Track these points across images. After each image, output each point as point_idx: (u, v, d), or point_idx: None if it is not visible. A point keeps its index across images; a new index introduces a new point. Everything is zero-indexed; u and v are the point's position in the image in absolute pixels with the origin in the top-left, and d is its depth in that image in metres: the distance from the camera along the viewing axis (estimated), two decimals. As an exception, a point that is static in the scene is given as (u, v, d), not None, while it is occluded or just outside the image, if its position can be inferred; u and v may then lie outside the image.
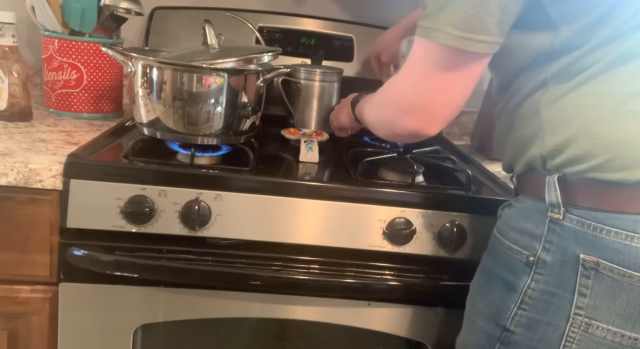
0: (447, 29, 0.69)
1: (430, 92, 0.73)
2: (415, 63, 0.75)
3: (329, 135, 1.22)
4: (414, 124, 0.76)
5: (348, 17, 1.45)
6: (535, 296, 0.71)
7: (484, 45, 0.69)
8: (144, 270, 0.89)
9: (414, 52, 0.75)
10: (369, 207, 0.93)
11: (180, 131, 0.98)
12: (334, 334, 1.02)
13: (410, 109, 0.75)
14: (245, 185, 0.91)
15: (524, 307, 0.72)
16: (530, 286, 0.71)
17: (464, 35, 0.68)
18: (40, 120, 1.18)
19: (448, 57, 0.71)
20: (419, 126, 0.76)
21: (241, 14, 1.24)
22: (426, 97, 0.74)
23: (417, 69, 0.75)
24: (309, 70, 1.25)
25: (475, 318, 0.80)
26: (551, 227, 0.70)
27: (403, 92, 0.77)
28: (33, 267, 0.92)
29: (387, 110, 0.81)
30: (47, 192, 0.90)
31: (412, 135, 0.78)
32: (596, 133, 0.67)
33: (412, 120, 0.76)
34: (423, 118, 0.75)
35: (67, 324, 0.94)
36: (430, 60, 0.72)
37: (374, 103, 0.89)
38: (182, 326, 0.98)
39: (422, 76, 0.74)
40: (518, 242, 0.73)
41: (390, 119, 0.80)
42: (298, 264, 0.94)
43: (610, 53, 0.67)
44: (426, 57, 0.73)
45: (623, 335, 0.66)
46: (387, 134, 0.84)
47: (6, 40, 1.11)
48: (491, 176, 1.10)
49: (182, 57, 1.01)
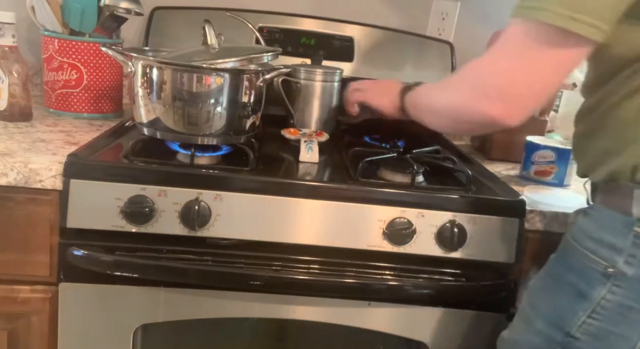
0: (554, 8, 0.63)
1: (524, 76, 0.67)
2: (511, 45, 0.68)
3: (329, 135, 1.21)
4: (498, 110, 0.69)
5: (348, 17, 1.45)
6: (610, 307, 0.70)
7: (594, 31, 0.63)
8: (144, 270, 0.89)
9: (510, 33, 0.69)
10: (369, 207, 0.93)
11: (180, 131, 0.98)
12: (334, 334, 1.02)
13: (498, 93, 0.69)
14: (245, 185, 0.91)
15: (595, 317, 0.71)
16: (606, 297, 0.70)
17: (574, 15, 0.63)
18: (40, 120, 1.18)
19: (552, 39, 0.65)
20: (502, 114, 0.69)
21: (241, 14, 1.24)
22: (519, 81, 0.68)
23: (513, 51, 0.68)
24: (309, 70, 1.25)
25: (533, 319, 0.79)
26: (636, 242, 0.68)
27: (492, 75, 0.70)
28: (33, 267, 0.92)
29: (465, 93, 0.74)
30: (47, 192, 0.90)
31: (489, 123, 0.71)
32: None
33: (496, 106, 0.69)
34: (509, 105, 0.69)
35: (67, 324, 0.94)
36: (530, 42, 0.66)
37: (446, 87, 0.81)
38: (182, 326, 0.98)
39: (518, 58, 0.68)
40: (596, 253, 0.71)
41: (467, 103, 0.73)
42: (298, 264, 0.94)
43: None
44: (525, 39, 0.67)
45: None
46: (454, 122, 0.77)
47: (6, 40, 1.11)
48: (491, 176, 1.10)
49: (182, 57, 1.01)
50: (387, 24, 1.46)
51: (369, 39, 1.43)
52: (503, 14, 1.51)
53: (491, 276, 0.96)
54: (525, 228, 0.96)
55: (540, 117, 1.31)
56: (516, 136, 1.12)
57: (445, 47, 1.46)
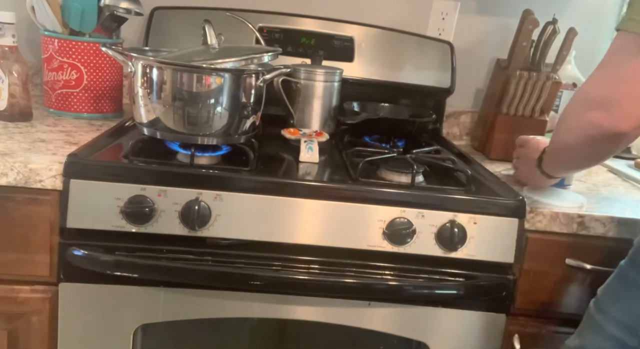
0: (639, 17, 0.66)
1: (620, 85, 0.69)
2: (610, 56, 0.71)
3: (329, 135, 1.22)
4: (603, 119, 0.71)
5: (348, 17, 1.45)
6: None
7: None
8: (144, 270, 0.89)
9: (611, 45, 0.72)
10: (369, 207, 0.93)
11: (180, 131, 0.98)
12: (334, 334, 1.02)
13: (599, 103, 0.71)
14: (245, 185, 0.91)
15: None
16: None
17: None
18: (40, 120, 1.18)
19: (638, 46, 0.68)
20: (609, 122, 0.71)
21: (241, 14, 1.24)
22: (617, 91, 0.70)
23: (611, 61, 0.71)
24: (309, 70, 1.25)
25: (605, 325, 0.79)
26: None
27: (593, 87, 0.73)
28: (33, 267, 0.92)
29: (576, 109, 0.76)
30: (47, 192, 0.90)
31: (603, 133, 0.72)
32: None
33: (599, 116, 0.71)
34: (611, 114, 0.70)
35: (67, 324, 0.94)
36: (624, 52, 0.69)
37: (562, 118, 0.82)
38: (182, 326, 0.98)
39: (614, 68, 0.70)
40: None
41: (579, 119, 0.75)
42: (298, 264, 0.94)
43: None
44: (620, 49, 0.70)
45: None
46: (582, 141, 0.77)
47: (6, 40, 1.11)
48: (491, 176, 1.10)
49: (182, 57, 1.01)
50: (387, 24, 1.46)
51: (369, 39, 1.44)
52: (503, 13, 1.52)
53: (491, 276, 0.96)
54: (525, 228, 0.97)
55: (540, 117, 1.32)
56: (516, 135, 1.12)
57: (445, 47, 1.46)
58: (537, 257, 0.98)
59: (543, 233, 0.98)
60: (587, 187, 1.16)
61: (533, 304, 1.00)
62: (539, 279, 0.99)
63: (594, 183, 1.20)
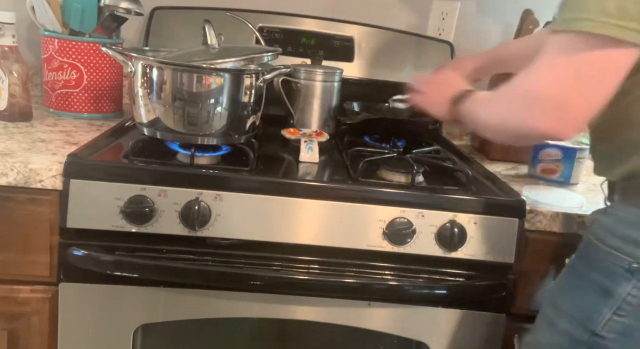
0: (598, 17, 0.63)
1: (575, 89, 0.67)
2: (556, 56, 0.68)
3: (329, 135, 1.22)
4: (551, 125, 0.69)
5: (348, 17, 1.45)
6: (636, 304, 0.70)
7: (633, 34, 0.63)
8: (144, 270, 0.89)
9: (553, 45, 0.69)
10: (369, 207, 0.93)
11: (180, 131, 0.98)
12: (334, 334, 1.02)
13: (552, 107, 0.68)
14: (245, 185, 0.91)
15: (622, 313, 0.71)
16: (632, 293, 0.70)
17: (619, 23, 0.63)
18: (40, 120, 1.18)
19: (598, 48, 0.65)
20: (555, 128, 0.69)
21: (241, 14, 1.24)
22: (571, 95, 0.67)
23: (559, 63, 0.68)
24: (309, 70, 1.25)
25: (557, 320, 0.79)
26: None
27: (542, 89, 0.69)
28: (33, 267, 0.92)
29: (519, 107, 0.73)
30: (47, 192, 0.90)
31: (543, 137, 0.72)
32: None
33: (549, 120, 0.69)
34: (562, 119, 0.68)
35: (67, 324, 0.94)
36: (575, 53, 0.66)
37: (500, 100, 0.80)
38: (182, 326, 0.98)
39: (566, 70, 0.67)
40: (620, 249, 0.72)
41: (522, 118, 0.72)
42: (298, 264, 0.94)
43: None
44: (569, 50, 0.67)
45: None
46: (511, 136, 0.77)
47: (6, 40, 1.11)
48: (491, 176, 1.10)
49: (182, 57, 1.01)
50: (387, 24, 1.46)
51: (369, 39, 1.44)
52: (502, 13, 1.51)
53: (491, 276, 0.96)
54: (525, 228, 0.96)
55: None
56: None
57: (445, 47, 1.46)
58: (537, 257, 0.98)
59: (543, 233, 0.98)
60: (587, 187, 1.16)
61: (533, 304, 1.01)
62: (539, 280, 0.99)
63: (594, 183, 1.20)
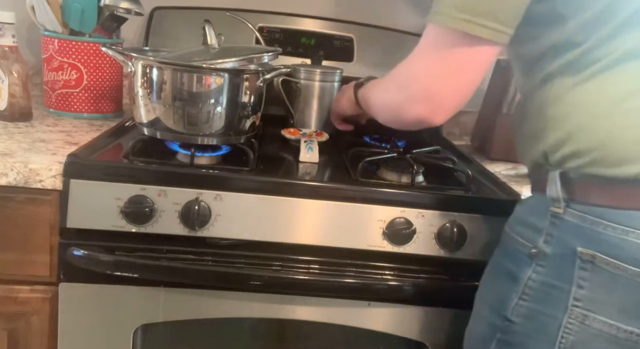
0: (450, 12, 0.70)
1: (441, 78, 0.73)
2: (425, 48, 0.75)
3: (329, 135, 1.21)
4: (422, 111, 0.75)
5: (348, 17, 1.45)
6: (535, 287, 0.72)
7: (489, 31, 0.69)
8: (144, 270, 0.89)
9: (424, 37, 0.75)
10: (369, 207, 0.93)
11: (180, 131, 0.98)
12: (334, 334, 1.02)
13: (421, 95, 0.75)
14: (245, 185, 0.91)
15: (525, 298, 0.73)
16: (532, 278, 0.73)
17: (470, 18, 0.68)
18: (40, 120, 1.18)
19: (454, 41, 0.71)
20: (426, 114, 0.75)
21: (241, 14, 1.24)
22: (437, 84, 0.74)
23: (427, 54, 0.75)
24: (309, 70, 1.25)
25: (481, 309, 0.82)
26: (553, 221, 0.72)
27: (414, 77, 0.76)
28: (33, 267, 0.92)
29: (396, 94, 0.80)
30: (47, 192, 0.90)
31: (417, 123, 0.77)
32: (593, 129, 0.69)
33: (420, 107, 0.75)
34: (432, 105, 0.75)
35: (67, 324, 0.94)
36: (439, 45, 0.72)
37: (381, 86, 0.88)
38: (182, 326, 0.98)
39: (432, 61, 0.74)
40: (523, 235, 0.75)
41: (398, 104, 0.79)
42: (298, 264, 0.94)
43: (612, 51, 0.68)
44: (435, 42, 0.73)
45: (619, 328, 0.68)
46: (391, 119, 0.83)
47: (6, 40, 1.11)
48: (491, 176, 1.10)
49: (182, 57, 1.01)
50: (387, 24, 1.46)
51: (369, 39, 1.43)
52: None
53: (491, 276, 0.96)
54: (525, 228, 0.96)
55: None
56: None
57: (445, 47, 1.46)
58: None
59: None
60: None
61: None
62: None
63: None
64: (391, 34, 1.45)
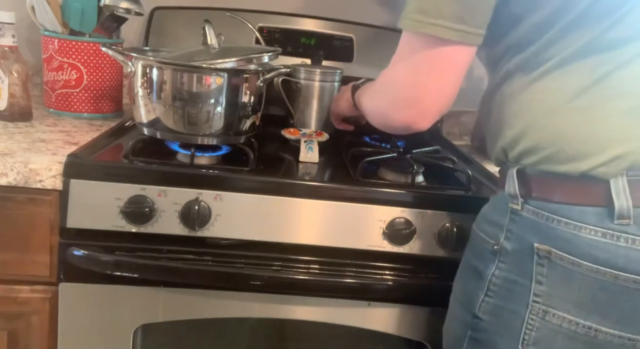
0: (417, 16, 0.70)
1: (420, 83, 0.74)
2: (402, 54, 0.75)
3: (329, 135, 1.21)
4: (407, 116, 0.76)
5: (348, 17, 1.45)
6: (499, 284, 0.73)
7: (457, 34, 0.69)
8: (144, 270, 0.89)
9: (400, 43, 0.76)
10: (369, 207, 0.93)
11: (180, 131, 0.98)
12: (334, 334, 1.02)
13: (403, 101, 0.76)
14: (245, 185, 0.91)
15: (490, 294, 0.74)
16: (495, 274, 0.73)
17: (433, 21, 0.69)
18: (40, 120, 1.18)
19: (426, 45, 0.71)
20: (412, 119, 0.76)
21: (241, 14, 1.24)
22: (417, 88, 0.74)
23: (404, 59, 0.75)
24: (309, 70, 1.25)
25: (454, 307, 0.83)
26: (512, 218, 0.73)
27: (394, 84, 0.78)
28: (33, 267, 0.92)
29: (382, 100, 0.81)
30: (47, 192, 0.90)
31: (405, 128, 0.78)
32: (545, 126, 0.70)
33: (405, 113, 0.76)
34: (416, 110, 0.75)
35: (67, 324, 0.94)
36: (413, 50, 0.73)
37: (371, 92, 0.89)
38: (182, 326, 0.98)
39: (409, 67, 0.74)
40: (487, 232, 0.76)
41: (384, 111, 0.80)
42: (298, 264, 0.94)
43: (562, 50, 0.69)
44: (409, 48, 0.74)
45: (577, 324, 0.68)
46: (380, 125, 0.84)
47: (6, 40, 1.11)
48: (491, 176, 1.10)
49: (182, 57, 1.01)
50: (387, 24, 1.46)
51: (369, 39, 1.43)
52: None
53: (491, 276, 0.96)
54: (525, 228, 0.96)
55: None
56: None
57: (445, 47, 1.46)
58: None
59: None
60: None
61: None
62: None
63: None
64: (391, 34, 1.45)
